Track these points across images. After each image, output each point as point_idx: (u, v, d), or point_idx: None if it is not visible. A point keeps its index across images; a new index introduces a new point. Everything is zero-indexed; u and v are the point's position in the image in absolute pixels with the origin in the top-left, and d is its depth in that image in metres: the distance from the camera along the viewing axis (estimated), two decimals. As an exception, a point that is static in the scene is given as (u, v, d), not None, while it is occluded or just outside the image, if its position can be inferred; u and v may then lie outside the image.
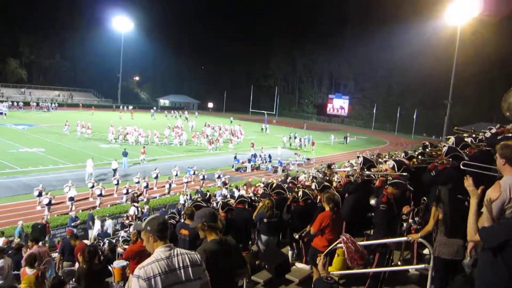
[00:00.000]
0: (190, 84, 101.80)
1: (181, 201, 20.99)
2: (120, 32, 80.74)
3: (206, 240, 3.99)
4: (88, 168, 25.72)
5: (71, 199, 20.51)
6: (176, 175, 26.98)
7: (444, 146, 7.49)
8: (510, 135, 6.70)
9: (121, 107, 68.53)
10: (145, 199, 21.89)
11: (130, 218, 18.50)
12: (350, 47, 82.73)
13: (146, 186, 23.86)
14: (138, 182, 24.19)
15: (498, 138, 7.18)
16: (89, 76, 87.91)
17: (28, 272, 7.47)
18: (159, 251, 3.08)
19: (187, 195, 22.44)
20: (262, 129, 58.04)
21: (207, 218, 3.98)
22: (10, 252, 11.36)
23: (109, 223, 17.96)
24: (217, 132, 46.31)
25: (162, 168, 27.50)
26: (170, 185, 25.16)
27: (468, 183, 3.46)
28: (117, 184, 23.70)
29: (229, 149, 39.35)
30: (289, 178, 16.13)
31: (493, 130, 9.62)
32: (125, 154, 29.29)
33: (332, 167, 15.77)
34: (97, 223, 17.77)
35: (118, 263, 8.10)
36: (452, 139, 8.43)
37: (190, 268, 3.08)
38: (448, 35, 54.24)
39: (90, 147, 34.92)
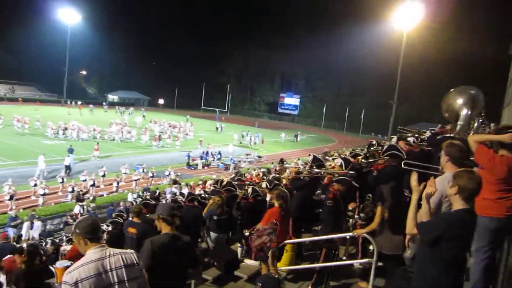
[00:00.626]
0: (140, 80, 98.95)
1: (130, 199, 20.52)
2: (67, 25, 77.45)
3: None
4: (40, 164, 24.63)
5: (11, 197, 19.50)
6: (125, 172, 26.34)
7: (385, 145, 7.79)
8: (449, 135, 7.06)
9: (69, 102, 65.52)
10: (91, 198, 21.21)
11: (74, 217, 17.85)
12: (302, 47, 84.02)
13: (93, 184, 23.12)
14: (84, 180, 23.40)
15: (437, 138, 7.54)
16: (33, 69, 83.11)
17: None
18: (90, 253, 2.94)
19: (136, 193, 21.99)
20: (217, 128, 56.85)
21: (164, 211, 3.96)
22: None
23: (37, 225, 16.85)
24: (163, 129, 45.38)
25: (110, 166, 26.73)
26: (118, 183, 24.50)
27: (413, 179, 3.63)
28: (62, 182, 22.83)
29: (177, 146, 38.83)
30: (240, 175, 16.20)
31: (434, 130, 10.11)
32: (70, 150, 28.17)
33: (284, 162, 15.99)
34: (37, 223, 16.92)
35: (61, 263, 7.76)
36: (394, 138, 8.80)
37: (124, 269, 2.94)
38: (395, 39, 56.41)
39: (32, 143, 33.33)
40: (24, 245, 11.43)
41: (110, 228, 9.54)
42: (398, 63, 44.62)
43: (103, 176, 24.90)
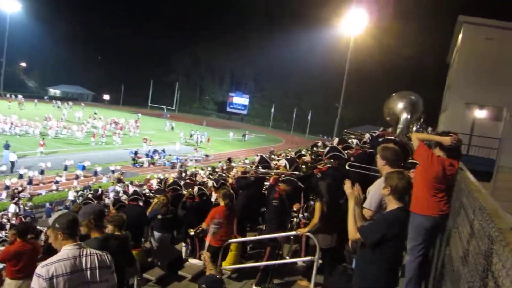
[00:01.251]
0: (84, 74, 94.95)
1: (70, 198, 19.74)
2: (6, 13, 73.04)
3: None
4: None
5: None
6: (66, 169, 25.28)
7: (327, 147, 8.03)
8: (389, 137, 7.36)
9: (8, 95, 61.49)
10: (28, 196, 20.16)
11: (8, 217, 16.87)
12: (252, 47, 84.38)
13: (30, 182, 22.00)
14: (21, 177, 22.24)
15: (379, 140, 7.84)
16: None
17: None
18: (67, 250, 2.89)
19: (77, 191, 21.18)
20: (172, 127, 54.28)
21: (95, 215, 3.82)
22: None
23: None
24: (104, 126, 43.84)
25: (50, 163, 25.55)
26: (57, 181, 23.46)
27: (347, 186, 3.73)
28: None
29: (116, 144, 37.76)
30: (185, 173, 16.03)
31: (375, 133, 10.53)
32: (6, 146, 26.68)
33: (231, 161, 15.99)
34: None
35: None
36: (336, 140, 9.06)
37: (98, 270, 2.93)
38: (342, 43, 58.06)
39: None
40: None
41: (46, 229, 9.10)
42: (344, 67, 45.93)
43: (42, 173, 23.77)
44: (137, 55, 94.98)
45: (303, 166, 7.15)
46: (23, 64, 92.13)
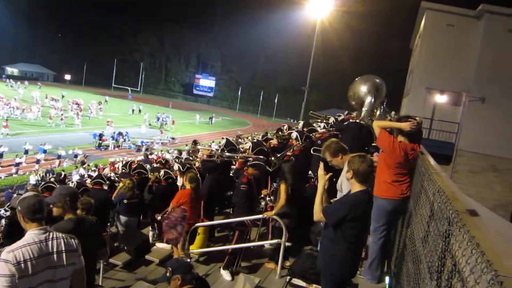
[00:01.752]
0: (44, 52, 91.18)
1: (32, 182, 19.16)
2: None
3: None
4: None
5: None
6: (26, 152, 24.42)
7: (292, 131, 8.13)
8: (354, 120, 7.52)
9: None
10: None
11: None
12: (219, 29, 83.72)
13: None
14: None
15: (344, 124, 7.99)
16: None
17: None
18: (32, 234, 2.82)
19: (38, 175, 20.57)
20: (133, 110, 52.37)
21: (71, 196, 3.76)
22: None
23: None
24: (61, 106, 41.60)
25: (8, 145, 24.62)
26: (18, 164, 22.68)
27: (321, 167, 3.79)
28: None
29: (76, 126, 36.70)
30: (150, 156, 15.82)
31: (341, 117, 10.70)
32: None
33: (197, 144, 15.85)
34: None
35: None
36: (301, 123, 9.16)
37: (64, 253, 2.89)
38: (309, 27, 58.20)
39: None
40: None
41: (8, 214, 8.83)
42: (311, 50, 46.15)
43: (1, 156, 22.93)
44: (100, 33, 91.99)
45: (273, 159, 7.18)
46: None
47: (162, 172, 8.72)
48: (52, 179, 16.26)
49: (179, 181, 8.70)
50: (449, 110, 20.05)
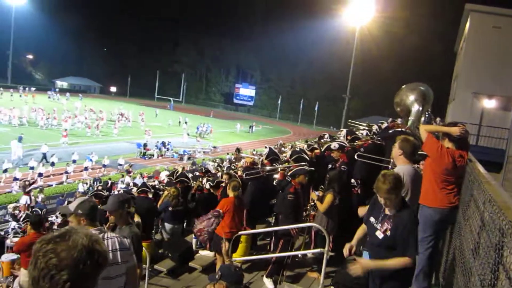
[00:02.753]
0: (91, 66, 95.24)
1: (80, 190, 19.91)
2: (11, 5, 73.24)
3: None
4: (17, 150, 24.67)
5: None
6: (74, 161, 25.47)
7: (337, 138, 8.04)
8: (400, 129, 7.37)
9: (22, 88, 60.94)
10: (38, 188, 20.36)
11: (20, 208, 17.06)
12: (257, 38, 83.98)
13: (40, 174, 22.22)
14: (32, 168, 22.47)
15: (389, 132, 7.84)
16: (-27, 52, 78.39)
17: None
18: None
19: (86, 183, 21.35)
20: (179, 121, 51.37)
21: (127, 204, 4.01)
22: None
23: None
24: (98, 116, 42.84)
25: (61, 154, 25.79)
26: (67, 172, 23.67)
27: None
28: (5, 171, 21.76)
29: (114, 135, 37.64)
30: (195, 166, 16.10)
31: (385, 124, 10.51)
32: (19, 139, 26.96)
33: (240, 151, 16.00)
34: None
35: (6, 257, 7.52)
36: (344, 131, 9.06)
37: (119, 252, 3.08)
38: (348, 33, 57.64)
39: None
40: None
41: (59, 220, 9.24)
42: (351, 57, 45.62)
43: (52, 165, 24.00)
44: (143, 46, 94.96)
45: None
46: (30, 56, 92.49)
47: (205, 180, 8.87)
48: (100, 187, 16.85)
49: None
50: (499, 116, 19.23)
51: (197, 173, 11.74)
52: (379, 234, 3.44)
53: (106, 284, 3.00)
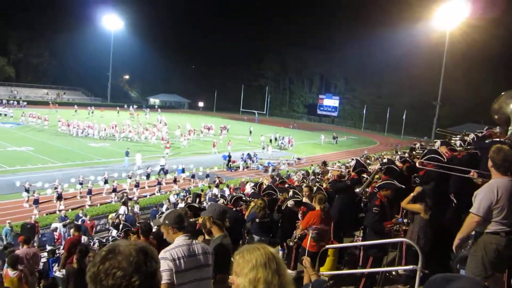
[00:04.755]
0: (180, 83, 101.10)
1: (172, 200, 20.97)
2: (110, 31, 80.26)
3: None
4: (138, 161, 28.35)
5: (59, 196, 20.39)
6: (166, 173, 26.94)
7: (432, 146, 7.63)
8: (498, 139, 6.82)
9: (131, 107, 66.46)
10: (135, 198, 21.80)
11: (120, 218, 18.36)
12: (340, 48, 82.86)
13: (137, 185, 23.78)
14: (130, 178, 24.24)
15: (486, 142, 7.30)
16: (78, 74, 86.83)
17: (10, 274, 7.19)
18: (180, 239, 3.44)
19: (177, 194, 22.43)
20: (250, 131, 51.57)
21: (215, 214, 4.21)
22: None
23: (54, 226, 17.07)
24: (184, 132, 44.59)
25: (153, 167, 27.53)
26: (160, 183, 25.09)
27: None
28: (106, 183, 23.56)
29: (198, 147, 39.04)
30: (279, 178, 16.20)
31: (481, 133, 9.78)
32: (127, 153, 29.50)
33: (326, 164, 15.86)
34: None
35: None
36: (438, 142, 8.57)
37: (206, 255, 3.47)
38: (438, 38, 54.89)
39: (79, 146, 34.75)
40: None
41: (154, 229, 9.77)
42: (440, 63, 43.38)
43: (147, 177, 25.58)
44: (227, 61, 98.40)
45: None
46: (127, 77, 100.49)
47: (291, 192, 8.89)
48: (189, 199, 17.60)
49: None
50: None
51: (280, 185, 11.80)
52: None
53: (203, 285, 3.41)
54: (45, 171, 26.39)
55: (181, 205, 17.79)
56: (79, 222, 16.22)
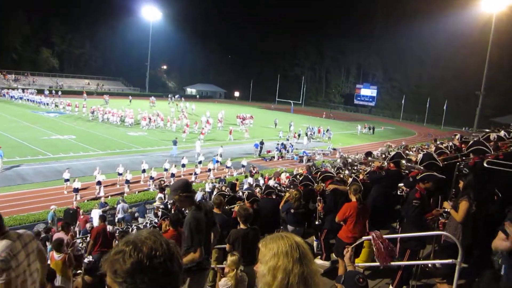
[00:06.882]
0: (216, 73, 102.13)
1: (207, 189, 21.24)
2: (149, 22, 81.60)
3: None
4: (197, 148, 29.93)
5: (99, 183, 21.04)
6: (200, 162, 27.22)
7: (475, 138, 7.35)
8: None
9: (170, 96, 68.62)
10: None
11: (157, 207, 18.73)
12: (379, 37, 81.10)
13: (173, 175, 24.21)
14: (166, 170, 24.59)
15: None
16: (118, 65, 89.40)
17: (55, 257, 7.34)
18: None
19: (213, 183, 22.68)
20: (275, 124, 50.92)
21: (181, 188, 4.24)
22: (42, 236, 11.84)
23: (120, 206, 17.73)
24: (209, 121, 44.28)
25: (188, 157, 27.89)
26: (195, 173, 25.45)
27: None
28: (144, 171, 24.05)
29: (230, 139, 38.68)
30: (315, 168, 16.09)
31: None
32: (174, 142, 30.40)
33: (371, 155, 15.50)
34: (120, 207, 17.82)
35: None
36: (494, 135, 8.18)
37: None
38: (481, 24, 52.58)
39: (118, 135, 35.73)
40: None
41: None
42: (483, 50, 41.46)
43: (183, 166, 25.97)
44: (264, 51, 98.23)
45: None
46: (164, 67, 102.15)
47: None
48: (224, 188, 17.77)
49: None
50: None
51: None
52: None
53: None
54: (86, 159, 27.33)
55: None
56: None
